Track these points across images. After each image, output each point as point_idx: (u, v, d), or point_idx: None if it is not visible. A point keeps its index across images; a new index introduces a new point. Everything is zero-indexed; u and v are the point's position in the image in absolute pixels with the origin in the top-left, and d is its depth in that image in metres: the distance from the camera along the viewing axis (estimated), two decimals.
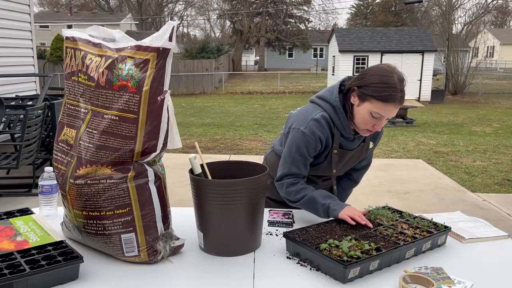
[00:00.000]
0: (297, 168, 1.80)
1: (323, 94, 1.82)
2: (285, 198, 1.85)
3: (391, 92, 1.59)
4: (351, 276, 1.30)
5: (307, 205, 1.77)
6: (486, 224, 1.77)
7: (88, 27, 1.50)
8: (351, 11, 50.29)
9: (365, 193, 5.20)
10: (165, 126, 1.36)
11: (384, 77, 1.61)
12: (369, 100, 1.63)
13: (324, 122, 1.75)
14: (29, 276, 1.21)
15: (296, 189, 1.79)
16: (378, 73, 1.64)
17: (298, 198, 1.78)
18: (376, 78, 1.63)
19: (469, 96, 19.52)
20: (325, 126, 1.76)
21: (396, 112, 1.64)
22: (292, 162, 1.80)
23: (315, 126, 1.74)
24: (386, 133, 10.32)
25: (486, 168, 6.92)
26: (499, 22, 52.20)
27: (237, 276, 1.34)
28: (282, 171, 1.82)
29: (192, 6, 48.04)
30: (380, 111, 1.62)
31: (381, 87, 1.60)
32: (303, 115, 1.79)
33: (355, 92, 1.68)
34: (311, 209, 1.77)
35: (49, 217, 1.78)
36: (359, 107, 1.67)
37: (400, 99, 1.62)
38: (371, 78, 1.63)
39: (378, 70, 1.66)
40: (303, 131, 1.75)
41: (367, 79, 1.64)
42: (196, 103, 16.98)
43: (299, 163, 1.79)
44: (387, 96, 1.59)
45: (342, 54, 17.84)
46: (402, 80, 1.63)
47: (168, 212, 1.48)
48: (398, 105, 1.61)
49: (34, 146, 4.73)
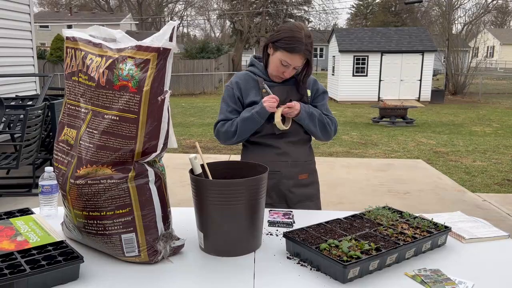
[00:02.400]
0: (222, 113, 2.11)
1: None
2: (225, 141, 2.11)
3: (298, 45, 1.91)
4: (351, 276, 1.30)
5: (244, 126, 2.03)
6: (486, 224, 1.78)
7: (89, 27, 1.50)
8: (351, 11, 50.32)
9: (365, 193, 5.20)
10: (165, 126, 1.36)
11: (293, 31, 1.93)
12: (280, 51, 1.96)
13: (242, 74, 2.14)
14: (30, 276, 1.21)
15: (226, 125, 2.07)
16: (289, 29, 1.96)
17: (234, 129, 2.04)
18: (286, 33, 1.94)
19: (469, 96, 19.53)
20: (241, 75, 2.13)
21: (301, 62, 1.97)
22: (220, 111, 2.13)
23: (233, 78, 2.16)
24: (386, 133, 10.34)
25: (486, 168, 6.92)
26: (499, 22, 52.19)
27: (237, 276, 1.34)
28: (215, 122, 2.13)
29: (192, 6, 48.01)
30: (288, 59, 1.95)
31: (289, 41, 1.93)
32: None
33: (270, 44, 2.01)
34: (249, 124, 2.02)
35: (49, 217, 1.78)
36: (273, 56, 2.01)
37: (305, 51, 1.93)
38: (283, 33, 1.95)
39: (289, 27, 1.97)
40: (225, 85, 2.15)
41: (280, 33, 1.96)
42: (196, 103, 16.99)
43: (224, 108, 2.11)
44: (294, 47, 1.92)
45: (342, 54, 17.83)
46: (309, 36, 1.95)
47: (169, 212, 1.48)
48: (303, 56, 1.94)
49: (34, 146, 4.73)
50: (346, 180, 5.80)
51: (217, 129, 2.12)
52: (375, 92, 17.99)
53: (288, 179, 2.10)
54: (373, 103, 16.00)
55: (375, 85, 17.98)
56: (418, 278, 1.33)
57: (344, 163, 6.79)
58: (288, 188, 2.10)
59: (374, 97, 17.80)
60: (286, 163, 2.09)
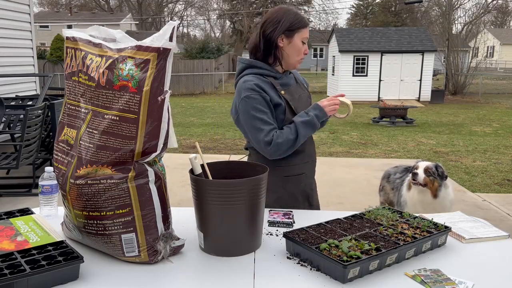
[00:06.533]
0: (267, 124, 1.84)
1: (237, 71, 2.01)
2: (286, 151, 1.85)
3: (303, 17, 1.94)
4: (350, 276, 1.30)
5: (305, 131, 1.85)
6: (486, 224, 1.78)
7: (89, 27, 1.50)
8: (351, 11, 50.28)
9: (365, 193, 5.20)
10: (165, 126, 1.36)
11: (291, 11, 1.93)
12: (297, 32, 1.91)
13: (252, 77, 1.90)
14: (30, 276, 1.21)
15: (284, 134, 1.83)
16: (286, 12, 1.92)
17: (294, 136, 1.84)
18: (289, 16, 1.91)
19: (469, 96, 19.52)
20: (254, 79, 1.89)
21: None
22: (261, 124, 1.83)
23: (249, 84, 1.87)
24: (386, 133, 10.34)
25: (486, 168, 6.93)
26: (499, 22, 52.17)
27: (237, 276, 1.34)
28: (263, 138, 1.82)
29: (192, 6, 48.01)
30: (306, 33, 1.95)
31: (297, 19, 1.91)
32: (237, 93, 1.92)
33: (282, 37, 1.90)
34: (308, 129, 1.86)
35: (49, 217, 1.79)
36: (291, 43, 1.92)
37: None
38: (286, 19, 1.90)
39: (282, 11, 1.92)
40: (244, 97, 1.85)
41: (284, 22, 1.90)
42: (196, 103, 16.99)
43: (265, 119, 1.84)
44: (305, 20, 1.94)
45: (342, 54, 17.84)
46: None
47: (169, 212, 1.48)
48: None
49: (34, 146, 4.73)
50: (346, 180, 5.80)
51: (274, 142, 1.81)
52: (375, 92, 17.99)
53: (311, 178, 2.09)
54: (373, 103, 15.99)
55: (375, 85, 17.98)
56: (418, 278, 1.33)
57: (344, 163, 6.78)
58: (311, 187, 2.09)
59: (374, 97, 17.80)
60: (308, 163, 2.03)
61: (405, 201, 3.10)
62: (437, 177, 2.91)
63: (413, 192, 3.02)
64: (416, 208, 2.97)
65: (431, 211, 2.85)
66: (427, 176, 2.91)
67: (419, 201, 2.97)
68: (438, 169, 2.93)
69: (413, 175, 2.96)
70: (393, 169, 3.55)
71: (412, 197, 3.03)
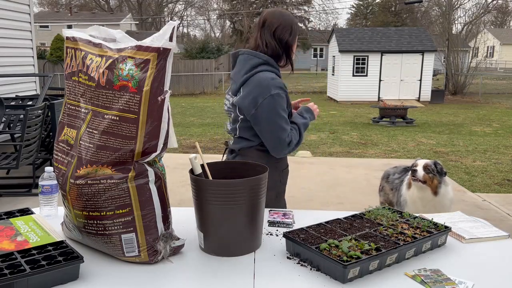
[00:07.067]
0: (289, 124, 1.93)
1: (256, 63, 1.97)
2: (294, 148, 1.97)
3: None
4: (350, 276, 1.30)
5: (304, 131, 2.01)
6: (486, 224, 1.78)
7: (89, 27, 1.50)
8: (351, 11, 50.27)
9: (365, 193, 5.20)
10: (165, 126, 1.36)
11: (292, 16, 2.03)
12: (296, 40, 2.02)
13: (275, 75, 1.92)
14: (30, 276, 1.21)
15: (295, 134, 1.96)
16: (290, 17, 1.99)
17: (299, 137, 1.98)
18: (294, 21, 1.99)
19: (469, 96, 19.53)
20: (279, 78, 1.94)
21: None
22: (285, 124, 1.90)
23: (278, 82, 1.89)
24: (386, 133, 10.34)
25: (486, 168, 6.93)
26: (499, 22, 52.16)
27: (237, 276, 1.34)
28: (286, 138, 1.89)
29: (192, 6, 48.01)
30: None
31: (297, 24, 2.03)
32: (259, 87, 1.86)
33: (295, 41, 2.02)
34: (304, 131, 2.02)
35: (49, 217, 1.78)
36: (294, 49, 2.03)
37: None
38: (295, 24, 1.98)
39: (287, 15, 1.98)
40: (274, 94, 1.86)
41: (294, 27, 1.98)
42: (196, 103, 16.99)
43: (287, 119, 1.93)
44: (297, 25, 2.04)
45: (342, 54, 17.83)
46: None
47: (169, 212, 1.48)
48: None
49: (34, 146, 4.73)
50: (346, 180, 5.80)
51: (292, 143, 1.93)
52: (375, 92, 17.99)
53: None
54: (373, 103, 16.00)
55: (375, 85, 17.98)
56: (418, 278, 1.33)
57: (344, 163, 6.78)
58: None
59: (374, 97, 17.79)
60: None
61: (405, 200, 3.11)
62: (436, 174, 2.93)
63: (413, 190, 3.03)
64: (416, 206, 2.98)
65: (431, 209, 2.87)
66: (426, 173, 2.93)
67: (419, 199, 2.98)
68: (437, 166, 2.95)
69: (412, 172, 2.97)
70: (393, 169, 3.56)
71: (412, 195, 3.04)
